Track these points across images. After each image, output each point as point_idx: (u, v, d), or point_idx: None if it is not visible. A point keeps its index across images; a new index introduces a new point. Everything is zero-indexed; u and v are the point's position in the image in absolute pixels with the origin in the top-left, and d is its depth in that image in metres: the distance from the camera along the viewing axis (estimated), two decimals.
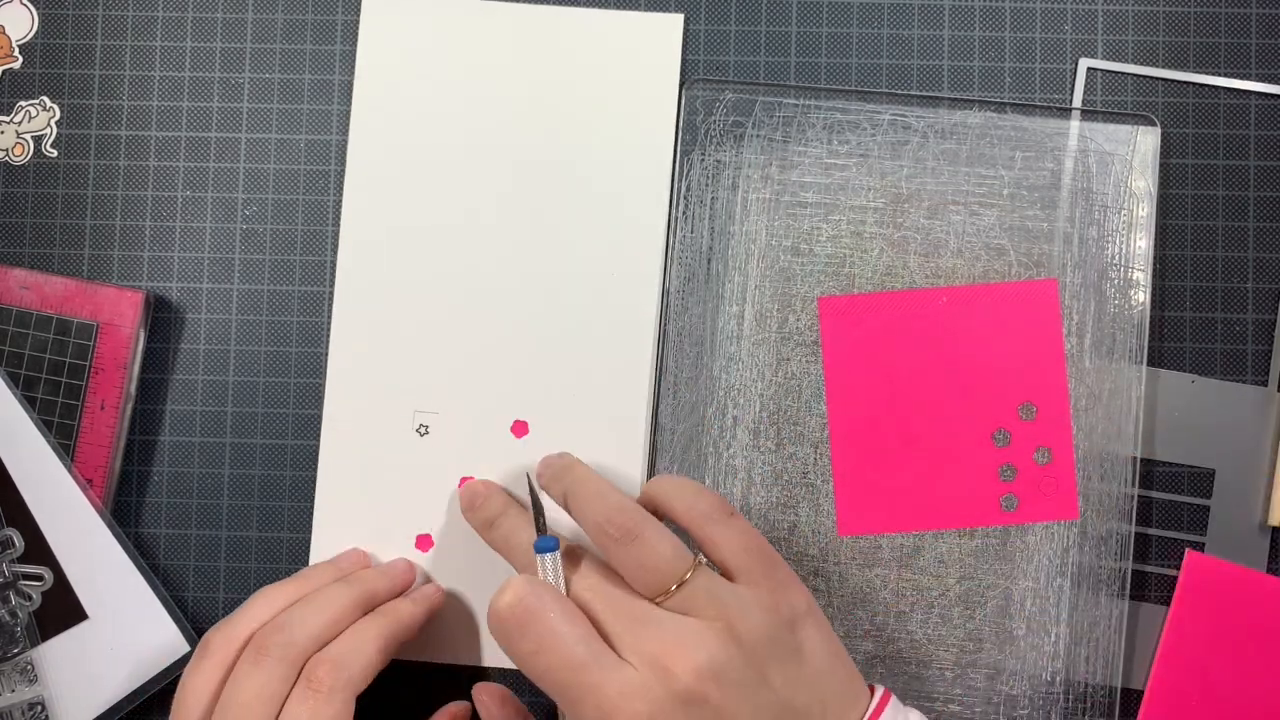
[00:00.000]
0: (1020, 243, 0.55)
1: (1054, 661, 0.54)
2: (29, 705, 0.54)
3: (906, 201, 0.55)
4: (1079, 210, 0.55)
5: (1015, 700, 0.54)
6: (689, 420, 0.55)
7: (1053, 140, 0.55)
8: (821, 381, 0.55)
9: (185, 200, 0.58)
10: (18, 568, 0.54)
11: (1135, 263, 0.55)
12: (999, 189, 0.55)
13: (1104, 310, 0.54)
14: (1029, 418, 0.54)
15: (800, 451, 0.55)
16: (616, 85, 0.56)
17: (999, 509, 0.54)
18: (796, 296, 0.55)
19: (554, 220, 0.56)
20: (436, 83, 0.57)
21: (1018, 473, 0.54)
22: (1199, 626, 0.54)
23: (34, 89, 0.58)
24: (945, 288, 0.54)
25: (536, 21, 0.57)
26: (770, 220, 0.55)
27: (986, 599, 0.54)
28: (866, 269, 0.55)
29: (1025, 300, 0.54)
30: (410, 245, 0.56)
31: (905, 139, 0.55)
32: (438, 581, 0.55)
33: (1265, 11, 0.57)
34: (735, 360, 0.55)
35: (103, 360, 0.55)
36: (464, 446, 0.56)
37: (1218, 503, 0.55)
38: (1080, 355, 0.54)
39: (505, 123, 0.56)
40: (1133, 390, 0.54)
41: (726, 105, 0.56)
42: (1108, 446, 0.54)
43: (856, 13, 0.57)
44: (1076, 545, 0.54)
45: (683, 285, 0.55)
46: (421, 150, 0.57)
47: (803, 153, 0.55)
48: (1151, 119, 0.55)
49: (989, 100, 0.56)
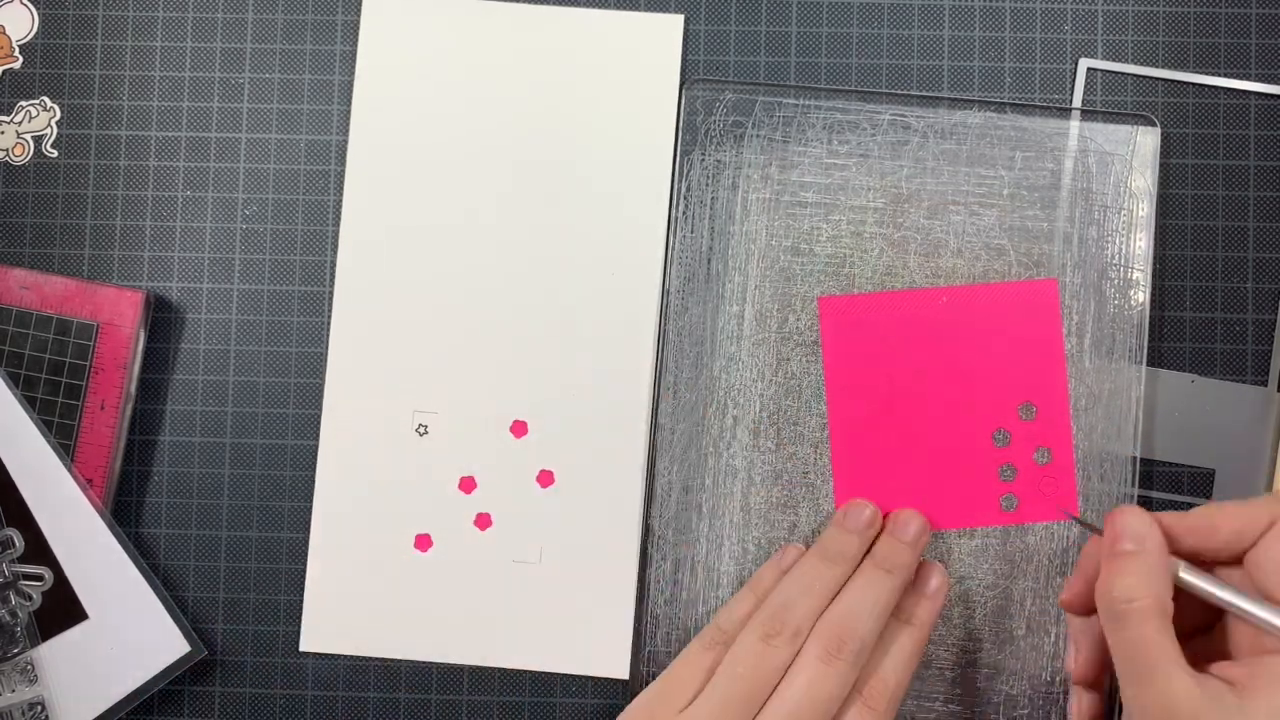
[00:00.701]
0: (1020, 243, 0.55)
1: (1054, 661, 0.54)
2: (29, 705, 0.54)
3: (906, 201, 0.55)
4: (1079, 210, 0.55)
5: (1015, 700, 0.54)
6: (689, 420, 0.55)
7: (1053, 140, 0.55)
8: (821, 381, 0.55)
9: (185, 200, 0.58)
10: (18, 568, 0.54)
11: (1135, 263, 0.55)
12: (999, 189, 0.55)
13: (1104, 310, 0.54)
14: (1029, 418, 0.54)
15: (800, 451, 0.55)
16: (617, 85, 0.56)
17: (999, 509, 0.54)
18: (796, 296, 0.55)
19: (554, 220, 0.56)
20: (436, 83, 0.57)
21: (1018, 473, 0.54)
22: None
23: (34, 89, 0.58)
24: (945, 288, 0.54)
25: (536, 21, 0.57)
26: (770, 220, 0.55)
27: (986, 599, 0.54)
28: (866, 269, 0.55)
29: (1025, 300, 0.54)
30: (410, 245, 0.56)
31: (905, 139, 0.55)
32: (439, 582, 0.55)
33: (1265, 11, 0.57)
34: (735, 360, 0.55)
35: (103, 360, 0.55)
36: (463, 446, 0.56)
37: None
38: (1080, 355, 0.54)
39: (505, 123, 0.56)
40: (1133, 390, 0.54)
41: (726, 105, 0.56)
42: (1108, 446, 0.54)
43: (857, 13, 0.57)
44: (1077, 545, 0.54)
45: (683, 285, 0.55)
46: (421, 150, 0.57)
47: (803, 153, 0.55)
48: (1151, 119, 0.55)
49: (989, 100, 0.56)
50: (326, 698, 0.56)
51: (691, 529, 0.55)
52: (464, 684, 0.56)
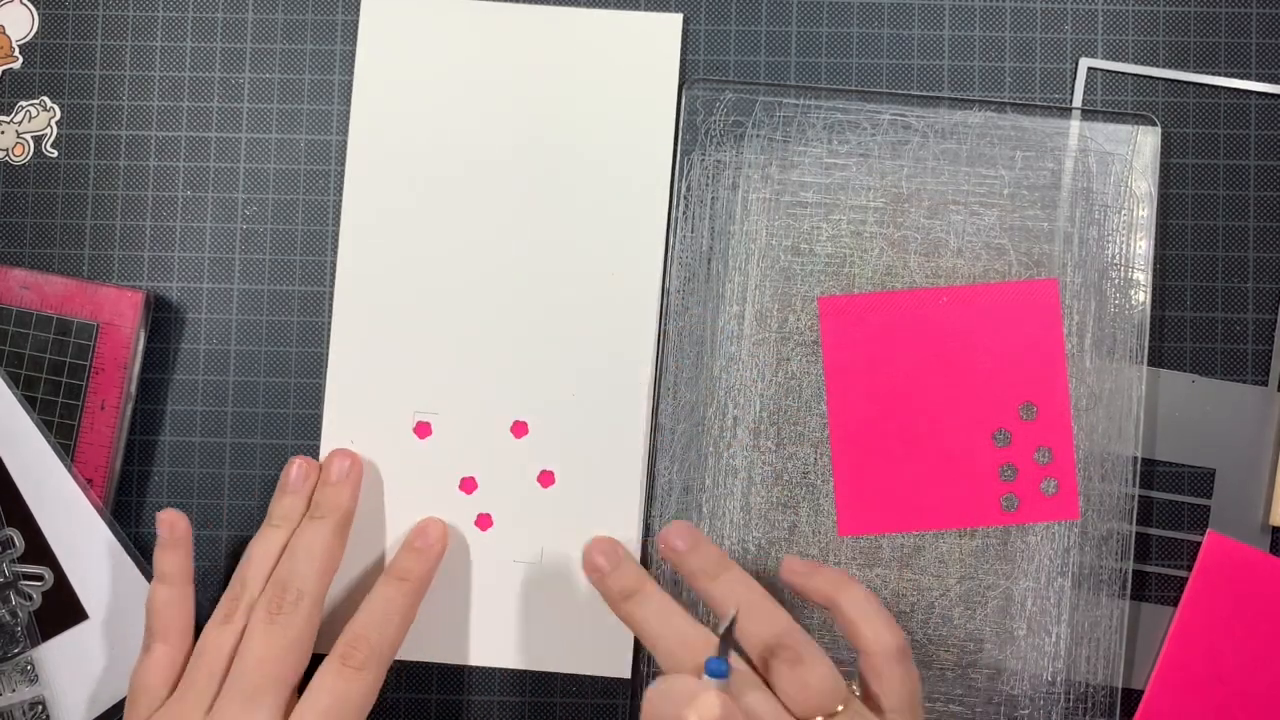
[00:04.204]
0: (1020, 242, 0.54)
1: (1055, 661, 0.54)
2: (29, 705, 0.54)
3: (907, 201, 0.55)
4: (1079, 210, 0.55)
5: (1016, 700, 0.54)
6: (689, 420, 0.55)
7: (1053, 140, 0.55)
8: (822, 381, 0.55)
9: (185, 200, 0.57)
10: (18, 568, 0.54)
11: (1135, 262, 0.55)
12: (999, 189, 0.55)
13: (1104, 310, 0.54)
14: (1029, 418, 0.54)
15: (800, 451, 0.55)
16: (616, 85, 0.56)
17: (999, 509, 0.54)
18: (797, 296, 0.55)
19: (553, 220, 0.56)
20: (435, 85, 0.57)
21: (1018, 473, 0.54)
22: (1213, 608, 0.54)
23: (34, 89, 0.58)
24: (946, 287, 0.54)
25: (535, 21, 0.57)
26: (770, 220, 0.55)
27: (987, 599, 0.54)
28: (867, 269, 0.55)
29: (1026, 300, 0.54)
30: (410, 246, 0.56)
31: (905, 139, 0.55)
32: (440, 582, 0.55)
33: (1265, 11, 0.57)
34: (735, 360, 0.55)
35: (103, 360, 0.55)
36: (464, 446, 0.56)
37: (1218, 503, 0.55)
38: (1081, 355, 0.54)
39: (504, 123, 0.56)
40: (1133, 390, 0.54)
41: (726, 105, 0.56)
42: (1109, 446, 0.54)
43: (857, 13, 0.57)
44: (1077, 545, 0.54)
45: (683, 285, 0.55)
46: (421, 150, 0.56)
47: (803, 152, 0.55)
48: (1152, 119, 0.55)
49: (989, 100, 0.56)
50: None
51: None
52: (464, 684, 0.56)
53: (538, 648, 0.55)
